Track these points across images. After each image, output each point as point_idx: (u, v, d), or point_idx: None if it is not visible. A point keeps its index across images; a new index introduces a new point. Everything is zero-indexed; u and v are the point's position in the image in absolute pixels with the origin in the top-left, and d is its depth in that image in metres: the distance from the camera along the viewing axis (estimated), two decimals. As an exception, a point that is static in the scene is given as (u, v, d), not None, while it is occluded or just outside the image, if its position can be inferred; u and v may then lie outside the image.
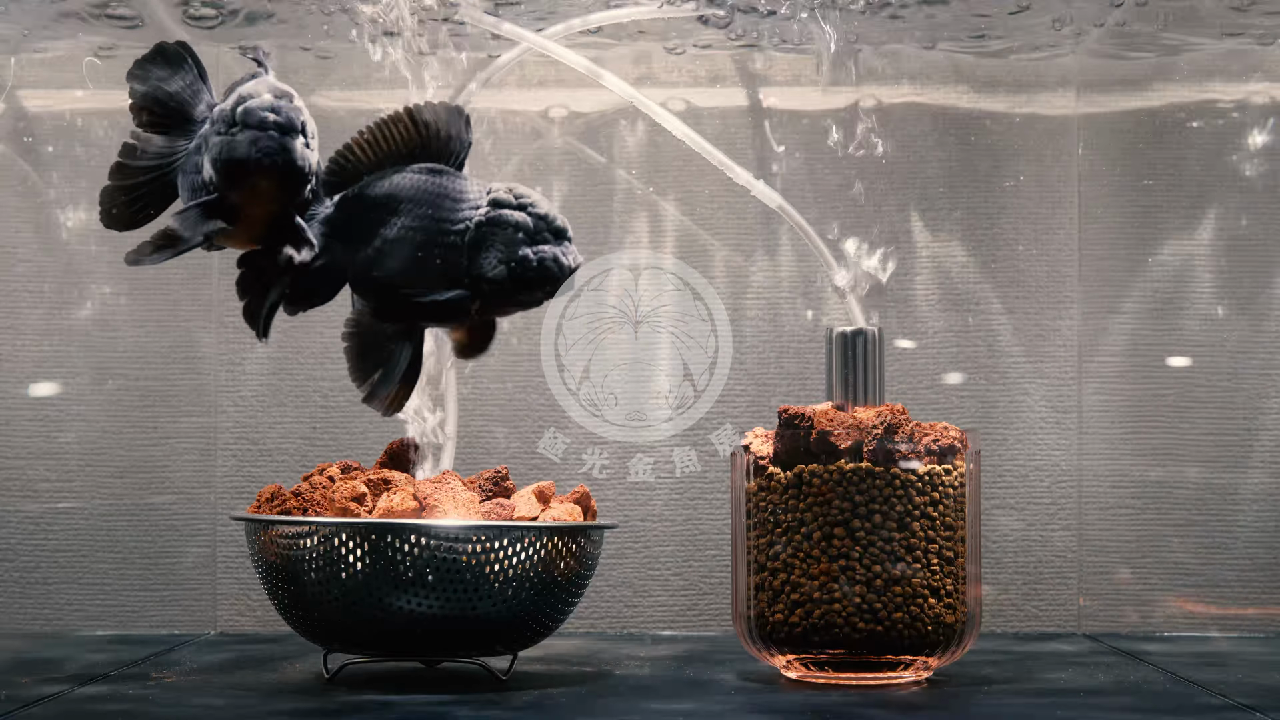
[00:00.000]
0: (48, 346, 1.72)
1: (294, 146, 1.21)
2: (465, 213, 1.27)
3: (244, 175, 1.22)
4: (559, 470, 1.62)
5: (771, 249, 1.73)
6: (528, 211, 1.26)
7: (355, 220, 1.28)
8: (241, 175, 1.22)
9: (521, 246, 1.25)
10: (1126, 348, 1.73)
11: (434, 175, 1.28)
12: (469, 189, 1.28)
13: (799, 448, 1.33)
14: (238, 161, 1.21)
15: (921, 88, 1.74)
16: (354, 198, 1.29)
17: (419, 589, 1.26)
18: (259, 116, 1.21)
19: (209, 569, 1.72)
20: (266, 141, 1.20)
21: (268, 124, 1.21)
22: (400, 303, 1.27)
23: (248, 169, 1.21)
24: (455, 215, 1.26)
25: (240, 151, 1.21)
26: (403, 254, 1.27)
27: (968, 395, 1.73)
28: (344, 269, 1.29)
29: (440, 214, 1.26)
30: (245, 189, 1.22)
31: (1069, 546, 1.72)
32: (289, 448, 1.72)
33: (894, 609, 1.30)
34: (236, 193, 1.23)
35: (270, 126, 1.21)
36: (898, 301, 1.72)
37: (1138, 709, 1.23)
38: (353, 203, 1.29)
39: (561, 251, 1.26)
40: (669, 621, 1.72)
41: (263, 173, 1.21)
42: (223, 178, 1.23)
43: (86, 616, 1.71)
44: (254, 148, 1.21)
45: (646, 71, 1.74)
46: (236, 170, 1.22)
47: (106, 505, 1.72)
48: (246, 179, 1.22)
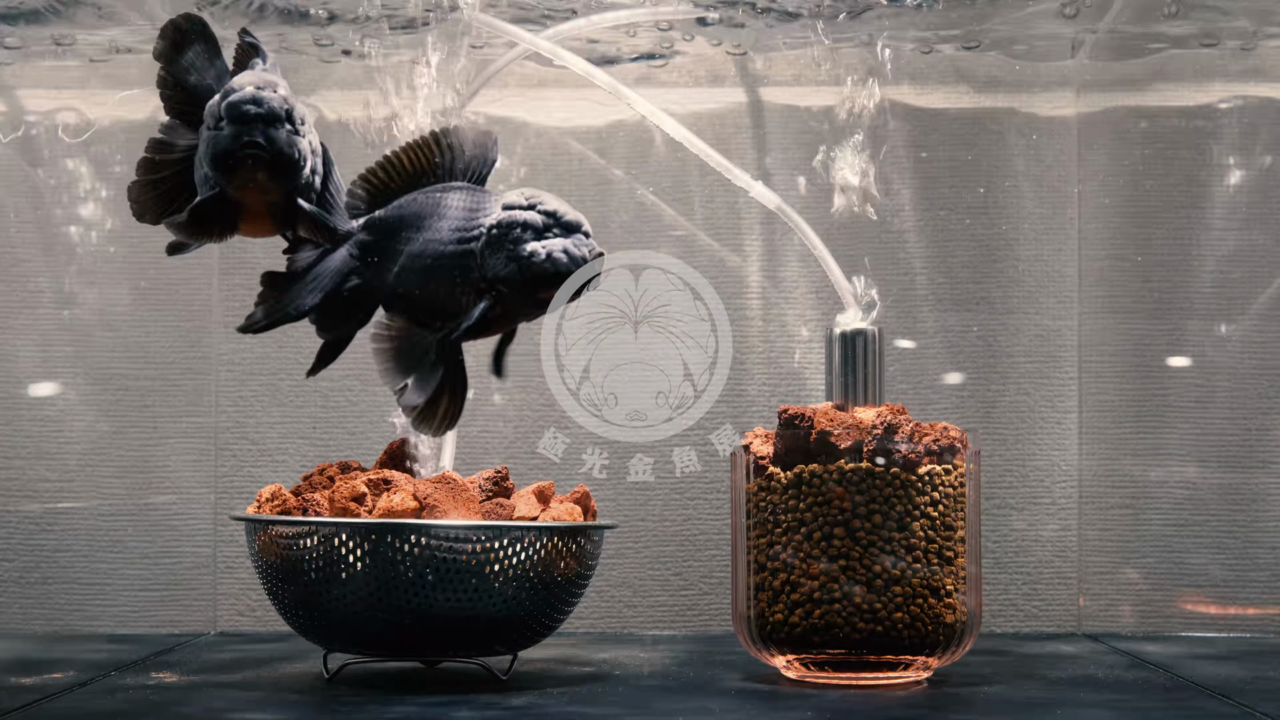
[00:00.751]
0: (48, 346, 1.72)
1: (278, 136, 1.22)
2: (479, 220, 1.28)
3: (233, 170, 1.23)
4: (559, 470, 1.62)
5: (771, 249, 1.73)
6: (537, 210, 1.27)
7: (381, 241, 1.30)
8: (230, 170, 1.23)
9: (529, 243, 1.26)
10: (1126, 348, 1.73)
11: (455, 192, 1.30)
12: (487, 201, 1.29)
13: (799, 448, 1.33)
14: (225, 156, 1.23)
15: (922, 88, 1.74)
16: (380, 220, 1.31)
17: (419, 589, 1.26)
18: (240, 110, 1.22)
19: (209, 569, 1.72)
20: (249, 134, 1.22)
21: (250, 116, 1.22)
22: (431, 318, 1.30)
23: (235, 163, 1.23)
24: (470, 224, 1.28)
25: (225, 146, 1.22)
26: (422, 267, 1.29)
27: (968, 395, 1.73)
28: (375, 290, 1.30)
29: (457, 224, 1.28)
30: (238, 183, 1.24)
31: (1069, 546, 1.72)
32: (289, 448, 1.72)
33: (894, 609, 1.30)
34: (231, 187, 1.24)
35: (252, 119, 1.22)
36: (898, 301, 1.72)
37: (1138, 709, 1.23)
38: (378, 225, 1.31)
39: (573, 243, 1.27)
40: (669, 621, 1.72)
41: (250, 166, 1.22)
42: (215, 173, 1.24)
43: (86, 616, 1.71)
44: (238, 141, 1.22)
45: (646, 72, 1.74)
46: (225, 165, 1.23)
47: (106, 505, 1.72)
48: (236, 173, 1.23)
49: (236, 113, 1.22)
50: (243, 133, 1.22)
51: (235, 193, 1.25)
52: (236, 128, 1.22)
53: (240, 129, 1.22)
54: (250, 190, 1.24)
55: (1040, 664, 1.48)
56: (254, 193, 1.25)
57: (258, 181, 1.23)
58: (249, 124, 1.22)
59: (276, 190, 1.25)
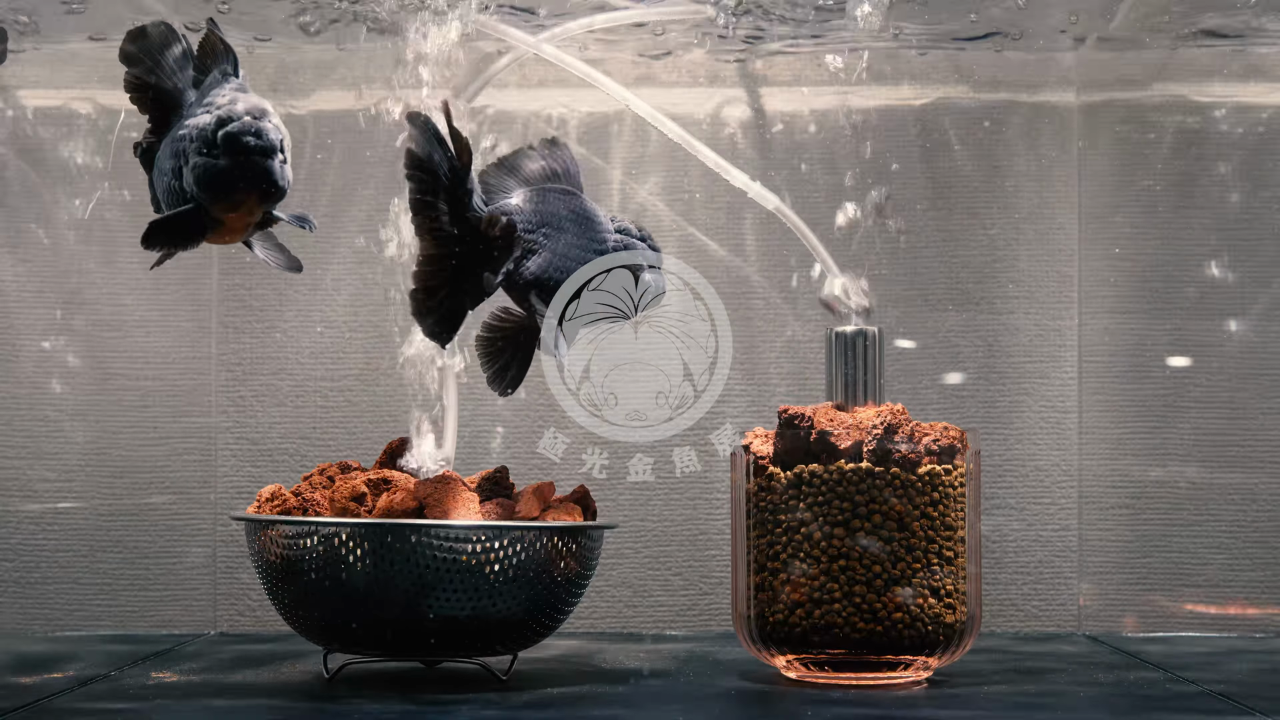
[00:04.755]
0: (48, 346, 1.72)
1: (274, 167, 1.25)
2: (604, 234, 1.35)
3: (228, 197, 1.25)
4: (559, 470, 1.62)
5: (771, 249, 1.73)
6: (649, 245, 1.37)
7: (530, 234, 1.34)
8: (225, 197, 1.26)
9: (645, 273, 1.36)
10: (1126, 348, 1.73)
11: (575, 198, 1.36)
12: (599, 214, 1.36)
13: (799, 448, 1.33)
14: (222, 186, 1.25)
15: (922, 88, 1.74)
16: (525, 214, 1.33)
17: (419, 589, 1.26)
18: (241, 143, 1.24)
19: (209, 569, 1.72)
20: (249, 168, 1.24)
21: (251, 149, 1.24)
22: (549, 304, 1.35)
23: (232, 193, 1.25)
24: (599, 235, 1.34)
25: (224, 178, 1.24)
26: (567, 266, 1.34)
27: (968, 395, 1.73)
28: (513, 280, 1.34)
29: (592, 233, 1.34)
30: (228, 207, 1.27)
31: (1069, 546, 1.72)
32: (289, 448, 1.72)
33: (894, 609, 1.30)
34: (219, 209, 1.27)
35: (254, 151, 1.24)
36: (898, 301, 1.72)
37: (1138, 709, 1.23)
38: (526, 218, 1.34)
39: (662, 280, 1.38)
40: (669, 621, 1.72)
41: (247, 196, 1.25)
42: (207, 197, 1.26)
43: (86, 616, 1.71)
44: (238, 174, 1.24)
45: (646, 72, 1.74)
46: (221, 193, 1.25)
47: (106, 505, 1.72)
48: (230, 200, 1.26)
49: (237, 145, 1.23)
50: (244, 166, 1.23)
51: (219, 213, 1.27)
52: (235, 160, 1.23)
53: (240, 161, 1.23)
54: (237, 213, 1.27)
55: (1040, 664, 1.48)
56: (240, 215, 1.28)
57: (248, 205, 1.26)
58: (248, 155, 1.23)
59: (260, 213, 1.29)
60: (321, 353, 1.72)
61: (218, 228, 1.29)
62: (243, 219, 1.28)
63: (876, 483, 1.31)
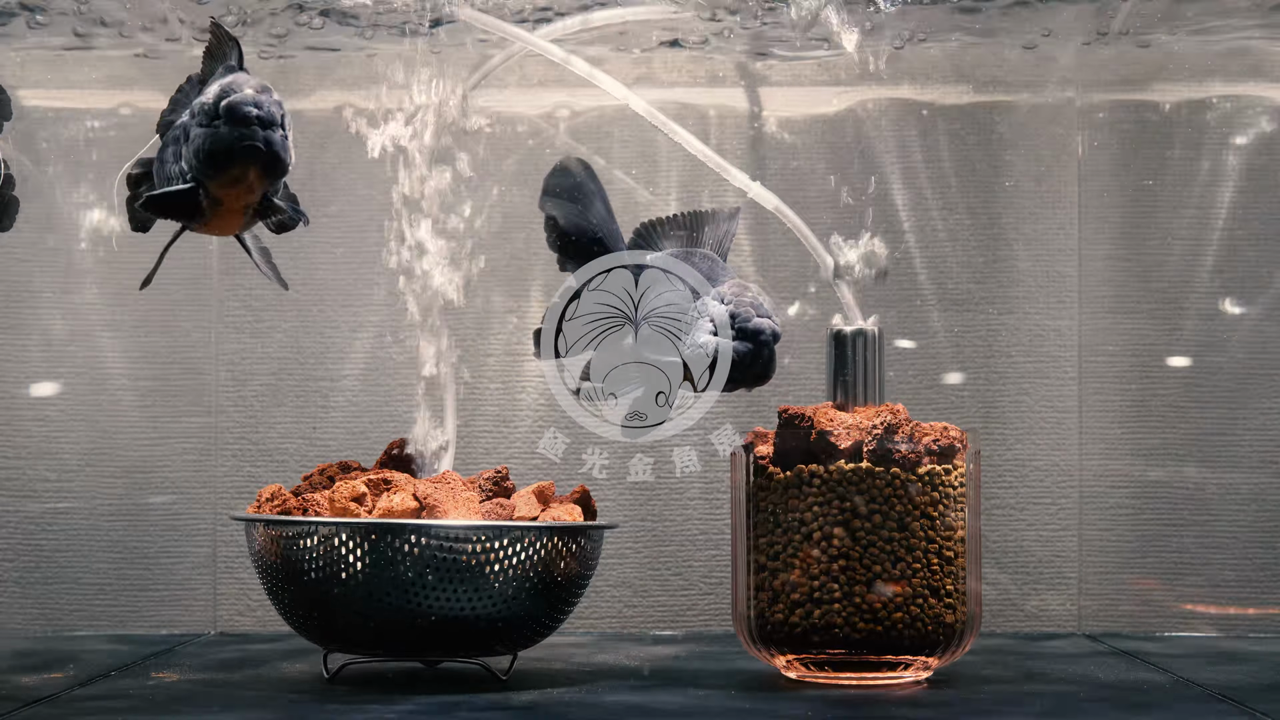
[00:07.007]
0: (48, 346, 1.72)
1: (276, 139, 1.23)
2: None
3: (228, 167, 1.24)
4: (559, 470, 1.62)
5: (771, 249, 1.73)
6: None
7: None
8: (225, 167, 1.24)
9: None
10: (1126, 348, 1.73)
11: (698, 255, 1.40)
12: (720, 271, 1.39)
13: (799, 448, 1.33)
14: (222, 154, 1.23)
15: (922, 87, 1.74)
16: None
17: (419, 589, 1.26)
18: (242, 111, 1.23)
19: (209, 569, 1.72)
20: (251, 136, 1.22)
21: (251, 118, 1.23)
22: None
23: (232, 161, 1.23)
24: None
25: (224, 144, 1.23)
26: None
27: (968, 395, 1.73)
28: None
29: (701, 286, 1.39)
30: (228, 181, 1.25)
31: (1069, 546, 1.72)
32: (289, 448, 1.72)
33: (894, 609, 1.30)
34: (218, 184, 1.25)
35: (254, 121, 1.23)
36: (898, 301, 1.72)
37: (1138, 709, 1.23)
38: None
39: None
40: (669, 621, 1.72)
41: (247, 165, 1.23)
42: (206, 169, 1.24)
43: (86, 616, 1.71)
44: (239, 141, 1.23)
45: (646, 72, 1.74)
46: (220, 162, 1.24)
47: (106, 505, 1.72)
48: (230, 171, 1.24)
49: (238, 114, 1.23)
50: (243, 134, 1.22)
51: (218, 190, 1.26)
52: (236, 128, 1.22)
53: (241, 130, 1.22)
54: (236, 190, 1.26)
55: (1040, 664, 1.48)
56: (239, 192, 1.26)
57: (247, 181, 1.25)
58: (249, 125, 1.22)
59: (259, 191, 1.27)
60: (321, 353, 1.72)
61: (216, 209, 1.27)
62: (241, 198, 1.26)
63: (877, 483, 1.31)
